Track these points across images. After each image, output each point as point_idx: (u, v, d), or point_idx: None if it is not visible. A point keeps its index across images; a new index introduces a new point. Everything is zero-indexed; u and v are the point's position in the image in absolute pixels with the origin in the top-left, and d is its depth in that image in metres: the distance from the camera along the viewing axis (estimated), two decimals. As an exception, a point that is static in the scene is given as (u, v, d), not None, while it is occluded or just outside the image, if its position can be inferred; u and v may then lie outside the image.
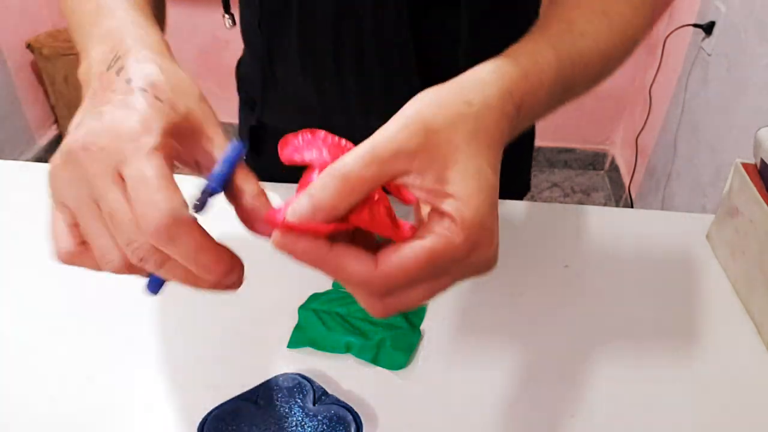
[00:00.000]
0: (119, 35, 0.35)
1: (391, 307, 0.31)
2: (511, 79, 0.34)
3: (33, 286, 0.55)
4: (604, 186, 2.24)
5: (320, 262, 0.29)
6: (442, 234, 0.29)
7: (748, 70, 1.29)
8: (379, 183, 0.29)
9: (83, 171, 0.29)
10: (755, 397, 0.47)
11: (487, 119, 0.32)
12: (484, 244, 0.30)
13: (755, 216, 0.54)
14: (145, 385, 0.47)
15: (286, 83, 0.63)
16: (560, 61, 0.38)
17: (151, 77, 0.32)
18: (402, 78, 0.58)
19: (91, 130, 0.29)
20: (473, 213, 0.29)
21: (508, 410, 0.46)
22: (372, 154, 0.29)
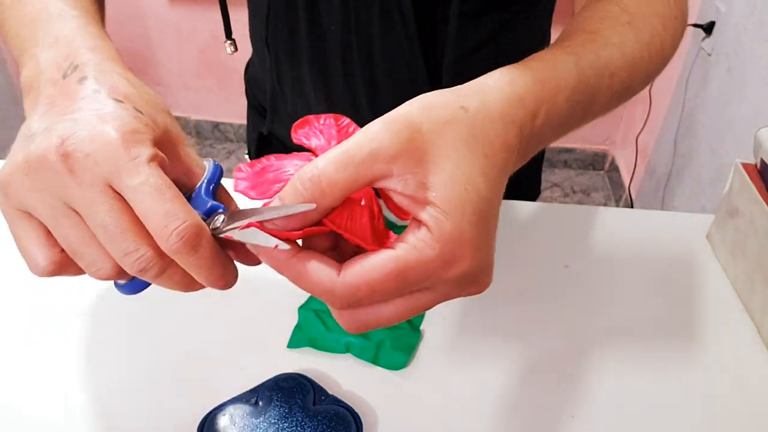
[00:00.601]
0: (73, 43, 0.33)
1: (363, 322, 0.29)
2: (524, 86, 0.32)
3: (33, 285, 0.55)
4: (604, 186, 2.24)
5: (282, 266, 0.28)
6: (414, 245, 0.27)
7: (748, 70, 1.29)
8: (355, 186, 0.27)
9: (59, 178, 0.27)
10: (755, 396, 0.47)
11: (486, 126, 0.29)
12: (463, 260, 0.27)
13: (755, 216, 0.54)
14: (145, 385, 0.46)
15: (295, 97, 0.63)
16: (581, 70, 0.35)
17: (122, 89, 0.30)
18: (412, 91, 0.58)
19: (70, 136, 0.28)
20: (452, 225, 0.27)
21: (508, 410, 0.46)
22: (346, 156, 0.27)
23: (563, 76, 0.34)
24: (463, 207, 0.27)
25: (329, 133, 0.32)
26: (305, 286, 0.28)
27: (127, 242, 0.27)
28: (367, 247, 0.28)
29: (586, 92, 0.36)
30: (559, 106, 0.34)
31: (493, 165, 0.29)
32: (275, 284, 0.55)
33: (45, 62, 0.32)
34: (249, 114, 0.76)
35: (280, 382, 0.45)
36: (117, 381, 0.47)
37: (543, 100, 0.32)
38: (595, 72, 0.36)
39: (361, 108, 0.59)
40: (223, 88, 2.27)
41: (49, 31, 0.34)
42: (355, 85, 0.58)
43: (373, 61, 0.57)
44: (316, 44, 0.57)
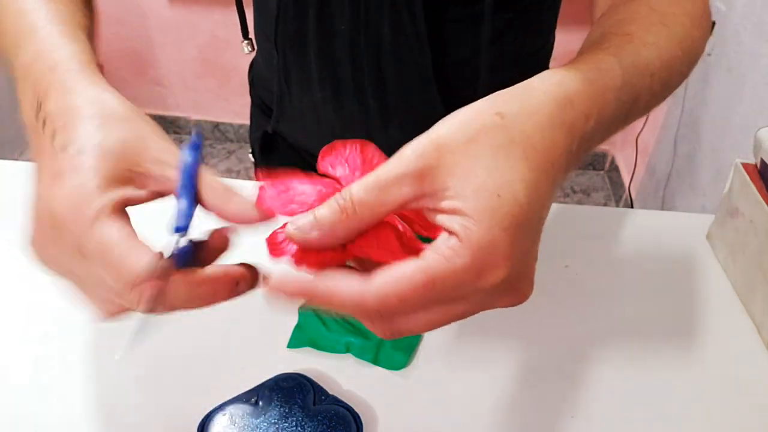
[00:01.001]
0: (40, 67, 0.33)
1: (396, 330, 0.29)
2: (573, 86, 0.31)
3: (34, 285, 0.55)
4: (604, 186, 2.24)
5: (309, 290, 0.28)
6: (443, 253, 0.26)
7: (748, 70, 1.29)
8: (385, 209, 0.27)
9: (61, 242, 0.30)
10: (755, 396, 0.48)
11: (526, 130, 0.28)
12: (497, 268, 0.27)
13: (755, 216, 0.54)
14: (145, 385, 0.47)
15: (303, 96, 0.62)
16: (624, 69, 0.35)
17: (84, 132, 0.30)
18: (421, 90, 0.58)
19: (47, 205, 0.30)
20: (482, 232, 0.26)
21: (508, 410, 0.46)
22: (376, 179, 0.27)
23: (609, 76, 0.33)
24: (494, 214, 0.26)
25: (354, 162, 0.32)
26: (336, 302, 0.28)
27: (114, 291, 0.29)
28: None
29: (631, 92, 0.35)
30: (609, 107, 0.33)
31: (536, 168, 0.28)
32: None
33: (23, 100, 0.34)
34: (253, 113, 0.76)
35: (280, 382, 0.46)
36: (117, 380, 0.47)
37: (594, 101, 0.32)
38: (637, 72, 0.36)
39: (369, 107, 0.59)
40: (223, 89, 2.27)
41: (23, 53, 0.35)
42: (363, 84, 0.58)
43: (381, 61, 0.57)
44: (325, 44, 0.57)
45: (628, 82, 0.35)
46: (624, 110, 0.35)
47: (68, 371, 0.48)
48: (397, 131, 0.60)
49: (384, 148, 0.30)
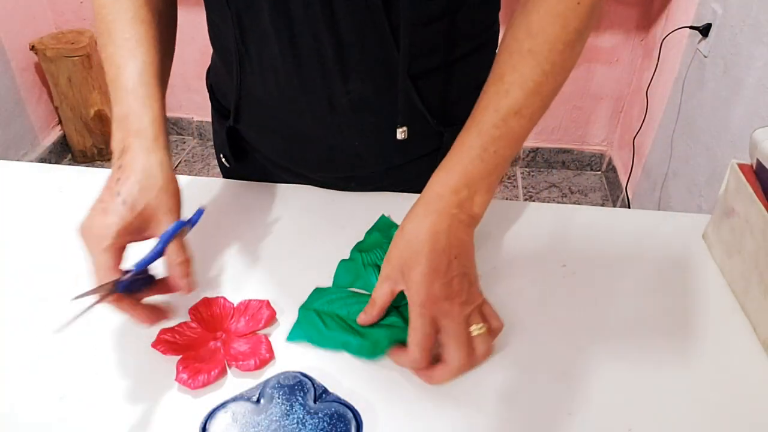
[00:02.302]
0: (129, 126, 0.50)
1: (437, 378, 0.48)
2: (442, 183, 0.49)
3: (35, 285, 0.55)
4: (602, 186, 2.25)
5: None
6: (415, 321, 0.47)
7: (744, 72, 1.30)
8: (389, 299, 0.49)
9: (87, 243, 0.48)
10: (751, 394, 0.48)
11: (438, 205, 0.48)
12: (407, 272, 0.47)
13: (751, 216, 0.54)
14: (148, 383, 0.47)
15: (262, 53, 0.60)
16: (482, 135, 0.49)
17: (130, 190, 0.47)
18: (376, 39, 0.56)
19: (89, 222, 0.47)
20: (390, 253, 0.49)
21: (507, 408, 0.46)
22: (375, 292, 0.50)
23: (467, 153, 0.49)
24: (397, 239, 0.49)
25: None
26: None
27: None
28: None
29: (495, 143, 0.49)
30: (474, 171, 0.49)
31: (439, 220, 0.48)
32: (276, 283, 0.56)
33: (113, 141, 0.51)
34: (214, 119, 0.75)
35: (281, 380, 0.46)
36: (118, 379, 0.47)
37: (460, 181, 0.49)
38: (500, 121, 0.48)
39: (327, 59, 0.58)
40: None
41: (116, 109, 0.52)
42: (319, 37, 0.57)
43: (335, 14, 0.55)
44: (280, 6, 0.56)
45: (485, 146, 0.49)
46: (494, 161, 0.49)
47: (68, 369, 0.48)
48: (356, 83, 0.59)
49: (345, 100, 0.45)
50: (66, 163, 2.30)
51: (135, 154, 0.49)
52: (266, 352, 0.49)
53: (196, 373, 0.46)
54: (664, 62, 1.76)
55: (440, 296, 0.46)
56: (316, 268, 0.57)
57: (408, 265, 0.47)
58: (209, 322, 0.51)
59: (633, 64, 2.03)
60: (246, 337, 0.50)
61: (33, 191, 0.67)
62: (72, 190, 0.67)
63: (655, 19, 1.91)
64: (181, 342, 0.49)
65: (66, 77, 2.07)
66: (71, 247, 0.60)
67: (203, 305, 0.52)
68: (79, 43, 2.05)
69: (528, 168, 2.32)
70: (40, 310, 0.53)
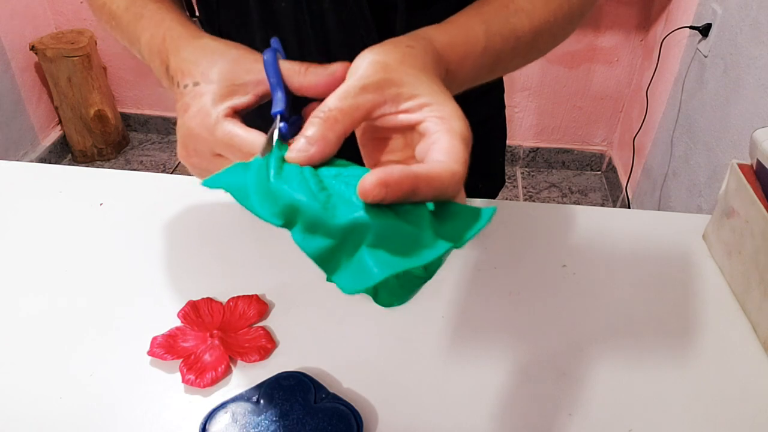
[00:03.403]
0: (156, 42, 0.45)
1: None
2: (440, 44, 0.40)
3: (37, 285, 0.55)
4: (602, 186, 2.25)
5: (412, 178, 0.29)
6: (443, 126, 0.33)
7: (743, 72, 1.30)
8: (358, 113, 0.34)
9: (199, 151, 0.40)
10: (751, 395, 0.48)
11: (426, 59, 0.38)
12: (468, 128, 0.34)
13: (751, 216, 0.54)
14: (147, 383, 0.47)
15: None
16: (489, 37, 0.43)
17: (192, 77, 0.40)
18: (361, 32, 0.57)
19: (184, 129, 0.40)
20: (452, 106, 0.34)
21: (507, 409, 0.46)
22: (344, 90, 0.34)
23: (472, 42, 0.42)
24: (445, 94, 0.35)
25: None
26: (435, 185, 0.30)
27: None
28: None
29: (493, 56, 0.44)
30: (466, 68, 0.42)
31: (442, 87, 0.37)
32: (270, 281, 0.56)
33: (157, 70, 0.45)
34: None
35: (281, 381, 0.46)
36: (118, 378, 0.47)
37: (451, 62, 0.41)
38: (501, 38, 0.44)
39: (308, 46, 0.59)
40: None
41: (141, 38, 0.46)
42: (310, 58, 0.58)
43: (326, 34, 0.56)
44: (269, 22, 0.57)
45: (490, 48, 0.43)
46: (485, 70, 0.44)
47: (68, 368, 0.48)
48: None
49: None
50: (66, 163, 2.30)
51: (176, 52, 0.43)
52: (267, 342, 0.49)
53: (201, 372, 0.46)
54: (664, 62, 1.76)
55: None
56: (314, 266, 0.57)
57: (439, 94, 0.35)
58: (200, 322, 0.51)
59: (633, 64, 2.03)
60: (243, 331, 0.50)
61: (33, 191, 0.67)
62: (72, 190, 0.67)
63: (655, 19, 1.91)
64: (177, 346, 0.49)
65: (66, 77, 2.07)
66: (71, 246, 0.60)
67: (191, 307, 0.52)
68: (79, 43, 2.05)
69: (528, 168, 2.32)
70: (40, 310, 0.53)
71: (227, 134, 0.38)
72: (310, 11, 0.55)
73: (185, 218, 0.63)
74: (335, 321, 0.52)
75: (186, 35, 0.43)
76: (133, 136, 2.45)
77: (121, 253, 0.59)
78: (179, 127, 0.41)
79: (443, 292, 0.55)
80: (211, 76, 0.40)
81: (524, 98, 2.15)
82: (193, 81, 0.40)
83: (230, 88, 0.39)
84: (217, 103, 0.39)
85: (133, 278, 0.56)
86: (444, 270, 0.58)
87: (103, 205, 0.65)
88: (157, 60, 0.44)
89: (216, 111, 0.38)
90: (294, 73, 0.40)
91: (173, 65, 0.42)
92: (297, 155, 0.33)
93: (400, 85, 0.34)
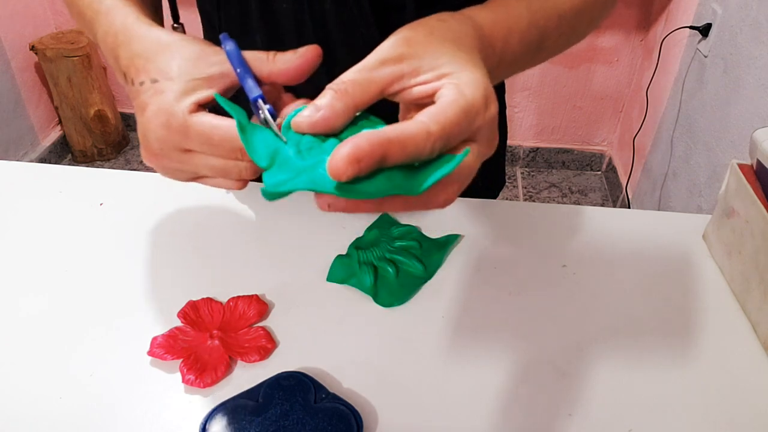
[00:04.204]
0: (110, 39, 0.42)
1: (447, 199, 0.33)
2: (482, 20, 0.39)
3: (37, 285, 0.55)
4: (602, 186, 2.25)
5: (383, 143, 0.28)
6: (458, 90, 0.31)
7: (744, 72, 1.30)
8: (372, 86, 0.33)
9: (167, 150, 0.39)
10: (751, 395, 0.48)
11: (461, 30, 0.36)
12: (493, 101, 0.32)
13: (751, 216, 0.54)
14: (147, 383, 0.47)
15: None
16: (532, 12, 0.42)
17: (148, 73, 0.38)
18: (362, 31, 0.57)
19: (146, 129, 0.38)
20: (475, 74, 0.32)
21: (507, 409, 0.46)
22: (362, 64, 0.33)
23: (515, 19, 0.41)
24: (473, 65, 0.33)
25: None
26: (409, 148, 0.29)
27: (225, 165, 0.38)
28: None
29: (538, 33, 0.42)
30: (512, 47, 0.40)
31: (477, 59, 0.35)
32: (270, 282, 0.56)
33: (113, 67, 0.43)
34: None
35: (281, 381, 0.46)
36: (118, 378, 0.47)
37: (498, 39, 0.39)
38: (544, 14, 0.42)
39: (320, 83, 0.58)
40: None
41: (97, 34, 0.44)
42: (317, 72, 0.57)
43: (328, 36, 0.56)
44: (270, 24, 0.56)
45: (534, 24, 0.41)
46: (531, 49, 0.42)
47: (68, 369, 0.48)
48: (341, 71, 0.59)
49: None
50: (66, 163, 2.30)
51: (127, 47, 0.40)
52: (267, 342, 0.49)
53: (201, 372, 0.46)
54: (664, 62, 1.76)
55: None
56: (314, 266, 0.57)
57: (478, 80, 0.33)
58: (200, 323, 0.51)
59: (633, 64, 2.04)
60: (243, 331, 0.50)
61: (33, 191, 0.67)
62: (72, 190, 0.67)
63: (655, 19, 1.91)
64: (177, 346, 0.49)
65: (66, 77, 2.07)
66: (71, 246, 0.60)
67: (191, 307, 0.52)
68: (79, 43, 2.05)
69: (528, 168, 2.32)
70: (39, 311, 0.53)
71: (205, 129, 0.36)
72: (311, 12, 0.55)
73: (185, 218, 0.63)
74: (335, 321, 0.52)
75: (136, 28, 0.41)
76: (133, 136, 2.45)
77: (121, 253, 0.59)
78: (140, 128, 0.39)
79: (443, 292, 0.56)
80: (170, 72, 0.38)
81: (524, 98, 2.15)
82: (150, 78, 0.38)
83: (193, 82, 0.38)
84: (180, 99, 0.37)
85: (133, 278, 0.56)
86: (444, 270, 0.58)
87: (103, 205, 0.65)
88: (111, 57, 0.43)
89: (180, 108, 0.37)
90: (261, 61, 0.38)
91: (124, 60, 0.40)
92: (301, 120, 0.32)
93: (421, 57, 0.33)
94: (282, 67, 0.38)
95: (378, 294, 0.54)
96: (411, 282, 0.56)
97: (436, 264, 0.58)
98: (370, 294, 0.54)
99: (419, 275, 0.56)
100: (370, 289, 0.54)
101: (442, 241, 0.60)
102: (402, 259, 0.56)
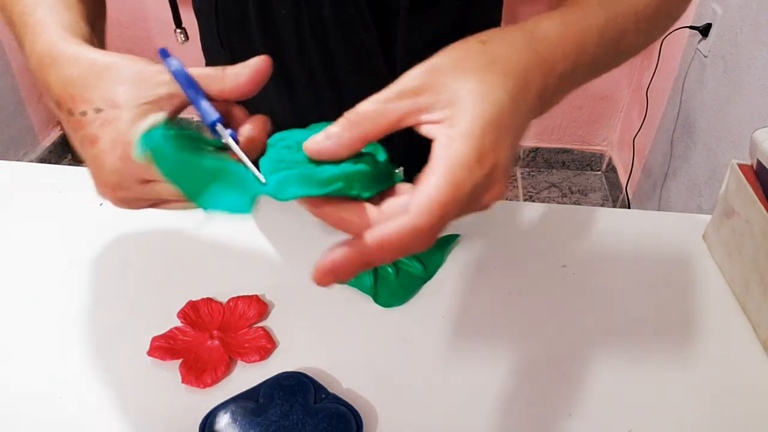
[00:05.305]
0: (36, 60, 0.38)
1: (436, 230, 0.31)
2: (551, 27, 0.35)
3: (37, 285, 0.55)
4: (602, 186, 2.25)
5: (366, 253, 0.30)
6: (441, 154, 0.30)
7: (744, 72, 1.30)
8: (383, 119, 0.31)
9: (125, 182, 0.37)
10: (751, 395, 0.48)
11: (503, 53, 0.33)
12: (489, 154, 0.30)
13: (751, 216, 0.54)
14: (147, 383, 0.47)
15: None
16: (606, 9, 0.39)
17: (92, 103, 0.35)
18: (369, 63, 0.57)
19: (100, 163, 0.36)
20: (465, 124, 0.30)
21: (507, 409, 0.46)
22: (378, 96, 0.32)
23: (592, 15, 0.38)
24: (482, 112, 0.30)
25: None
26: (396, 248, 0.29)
27: None
28: None
29: (616, 29, 0.39)
30: (590, 47, 0.37)
31: (516, 84, 0.32)
32: (269, 282, 0.56)
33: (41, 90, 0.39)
34: None
35: (281, 381, 0.46)
36: (118, 378, 0.47)
37: (573, 41, 0.36)
38: (621, 10, 0.40)
39: (320, 87, 0.59)
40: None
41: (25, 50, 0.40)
42: (312, 66, 0.57)
43: (327, 41, 0.56)
44: (269, 30, 0.56)
45: (611, 19, 0.39)
46: (611, 48, 0.39)
47: (68, 368, 0.48)
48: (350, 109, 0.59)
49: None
50: (66, 163, 2.30)
51: (57, 75, 0.37)
52: (267, 342, 0.49)
53: (201, 372, 0.46)
54: (664, 62, 1.76)
55: None
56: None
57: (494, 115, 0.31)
58: (200, 323, 0.51)
59: (633, 64, 2.03)
60: (243, 331, 0.50)
61: (33, 191, 0.67)
62: (72, 190, 0.67)
63: (655, 19, 1.91)
64: (176, 346, 0.49)
65: (66, 77, 2.07)
66: (71, 246, 0.60)
67: (191, 307, 0.52)
68: (79, 43, 2.05)
69: (528, 168, 2.32)
70: (39, 311, 0.53)
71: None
72: (309, 17, 0.55)
73: (185, 218, 0.63)
74: (335, 321, 0.52)
75: (65, 49, 0.37)
76: (133, 136, 2.45)
77: (121, 253, 0.59)
78: (90, 162, 0.37)
79: (443, 292, 0.56)
80: (114, 99, 0.35)
81: (524, 98, 2.15)
82: (93, 107, 0.35)
83: (142, 107, 0.35)
84: (133, 128, 0.35)
85: (133, 278, 0.56)
86: (444, 270, 0.58)
87: (103, 205, 0.65)
88: (39, 78, 0.39)
89: (138, 132, 0.35)
90: (211, 79, 0.36)
91: (56, 88, 0.37)
92: (310, 145, 0.32)
93: (439, 91, 0.31)
94: (233, 84, 0.36)
95: (378, 294, 0.54)
96: (411, 282, 0.56)
97: (436, 264, 0.58)
98: (370, 294, 0.54)
99: (419, 275, 0.56)
100: (370, 290, 0.54)
101: (442, 241, 0.60)
102: (402, 259, 0.56)
